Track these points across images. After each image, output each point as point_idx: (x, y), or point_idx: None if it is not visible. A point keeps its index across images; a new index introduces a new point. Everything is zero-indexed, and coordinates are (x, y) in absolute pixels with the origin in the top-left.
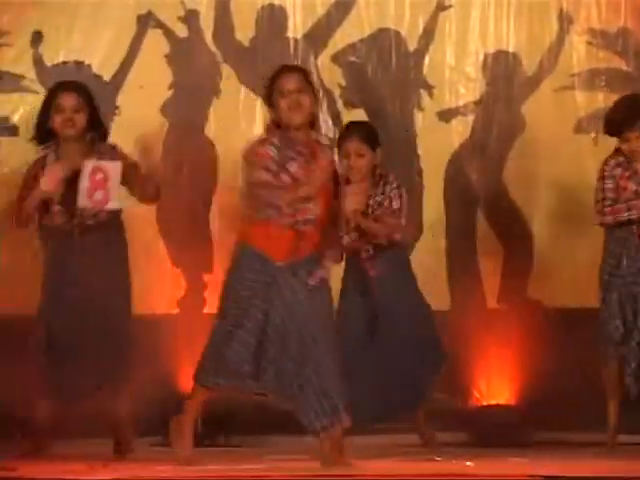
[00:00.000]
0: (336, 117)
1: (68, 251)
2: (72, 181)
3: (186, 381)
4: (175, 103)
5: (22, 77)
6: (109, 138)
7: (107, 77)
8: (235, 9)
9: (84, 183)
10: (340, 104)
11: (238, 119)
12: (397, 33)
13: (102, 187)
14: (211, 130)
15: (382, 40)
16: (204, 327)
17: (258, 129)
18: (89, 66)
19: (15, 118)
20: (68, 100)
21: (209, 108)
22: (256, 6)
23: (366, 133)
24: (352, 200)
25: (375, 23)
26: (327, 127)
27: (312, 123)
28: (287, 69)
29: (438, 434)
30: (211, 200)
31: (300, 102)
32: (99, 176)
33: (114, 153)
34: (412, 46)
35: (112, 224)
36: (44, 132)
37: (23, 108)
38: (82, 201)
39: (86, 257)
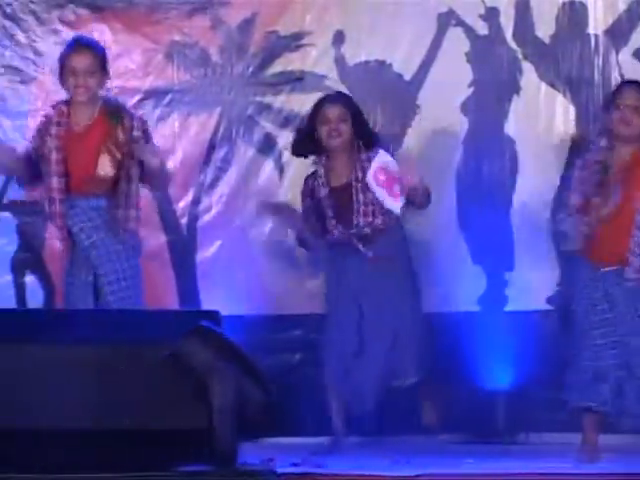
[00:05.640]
0: None
1: (351, 261)
2: (341, 193)
3: (487, 378)
4: (475, 101)
5: (324, 77)
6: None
7: (408, 76)
8: (535, 6)
9: (380, 193)
10: None
11: (538, 116)
12: None
13: (394, 181)
14: (511, 127)
15: None
16: (505, 325)
17: (558, 126)
18: (390, 65)
19: None
20: (333, 111)
21: (509, 105)
22: (557, 3)
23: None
24: None
25: None
26: None
27: None
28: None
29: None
30: (511, 198)
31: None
32: (382, 177)
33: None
34: None
35: (392, 229)
36: (308, 145)
37: None
38: (391, 206)
39: (370, 265)
